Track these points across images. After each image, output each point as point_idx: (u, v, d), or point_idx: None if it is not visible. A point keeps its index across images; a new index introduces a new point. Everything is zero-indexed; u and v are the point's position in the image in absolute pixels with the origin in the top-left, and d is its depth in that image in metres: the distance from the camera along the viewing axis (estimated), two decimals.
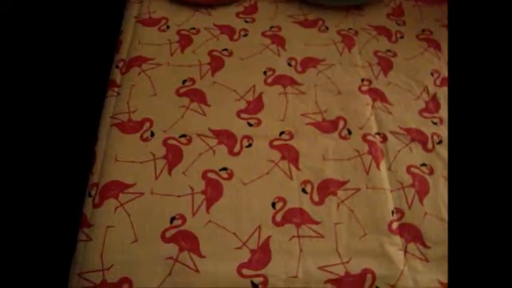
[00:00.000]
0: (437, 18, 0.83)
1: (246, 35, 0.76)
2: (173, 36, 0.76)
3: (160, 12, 0.79)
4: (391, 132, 0.67)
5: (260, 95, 0.69)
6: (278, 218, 0.57)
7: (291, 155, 0.63)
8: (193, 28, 0.77)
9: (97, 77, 0.77)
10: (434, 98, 0.72)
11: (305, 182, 0.61)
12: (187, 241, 0.55)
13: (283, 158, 0.63)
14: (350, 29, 0.79)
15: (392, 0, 0.85)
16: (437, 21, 0.83)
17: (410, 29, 0.81)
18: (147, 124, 0.65)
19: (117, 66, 0.73)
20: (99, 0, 1.08)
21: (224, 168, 0.62)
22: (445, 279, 0.55)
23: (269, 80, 0.71)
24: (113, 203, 0.57)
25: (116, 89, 0.70)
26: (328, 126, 0.67)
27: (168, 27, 0.77)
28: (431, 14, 0.84)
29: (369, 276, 0.54)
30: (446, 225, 0.59)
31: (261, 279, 0.53)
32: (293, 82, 0.71)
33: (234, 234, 0.55)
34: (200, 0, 0.79)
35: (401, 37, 0.79)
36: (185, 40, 0.75)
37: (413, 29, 0.81)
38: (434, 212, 0.60)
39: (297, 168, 0.62)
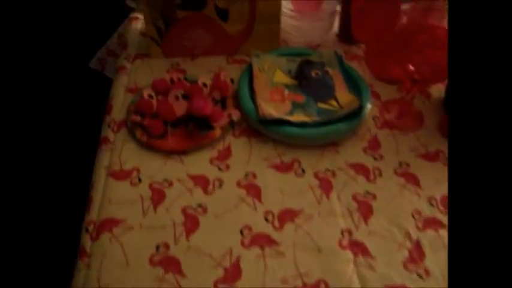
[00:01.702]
0: (411, 147, 0.82)
1: (220, 186, 0.74)
2: (145, 191, 0.73)
3: (131, 162, 0.77)
4: None
5: (237, 260, 0.66)
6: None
7: None
8: (166, 180, 0.75)
9: None
10: (417, 245, 0.70)
11: None
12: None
13: None
14: (327, 169, 0.77)
15: (368, 131, 0.84)
16: (412, 151, 0.82)
17: (388, 163, 0.80)
18: None
19: (87, 230, 0.70)
20: None
21: None
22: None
23: (246, 241, 0.68)
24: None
25: (87, 260, 0.67)
26: None
27: (139, 180, 0.75)
28: (406, 143, 0.83)
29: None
30: None
31: None
32: (271, 242, 0.68)
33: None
34: (172, 147, 0.77)
35: (380, 174, 0.78)
36: (158, 195, 0.73)
37: (391, 163, 0.80)
38: None
39: None
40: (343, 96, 0.84)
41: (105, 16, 1.31)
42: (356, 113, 0.81)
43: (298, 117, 0.80)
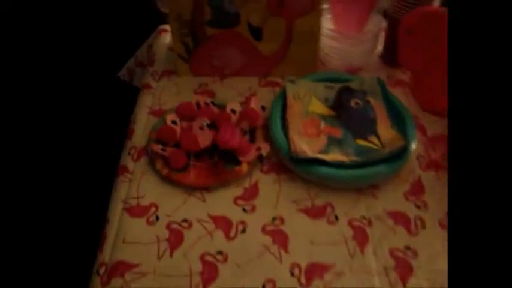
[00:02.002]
0: None
1: (244, 231, 0.68)
2: (162, 231, 0.68)
3: (150, 196, 0.71)
4: None
5: None
6: None
7: None
8: (185, 220, 0.69)
9: None
10: None
11: None
12: None
13: None
14: (363, 217, 0.69)
15: (411, 173, 0.75)
16: None
17: (432, 213, 0.71)
18: None
19: (97, 273, 0.65)
20: None
21: None
22: None
23: None
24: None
25: None
26: None
27: (157, 217, 0.69)
28: None
29: None
30: None
31: None
32: None
33: None
34: (194, 182, 0.71)
35: (423, 226, 0.69)
36: (175, 237, 0.67)
37: (436, 213, 0.71)
38: None
39: None
40: (386, 132, 0.76)
41: (137, 22, 1.27)
42: (399, 154, 0.72)
43: (334, 156, 0.72)
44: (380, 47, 0.95)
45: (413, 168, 0.76)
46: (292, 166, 0.72)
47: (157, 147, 0.73)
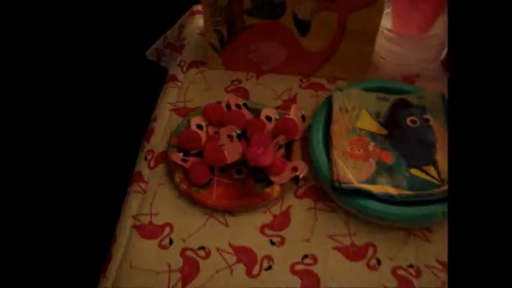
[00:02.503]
0: None
1: (269, 268, 0.58)
2: (176, 258, 0.59)
3: (164, 214, 0.62)
4: None
5: None
6: None
7: None
8: (203, 248, 0.59)
9: None
10: None
11: None
12: None
13: None
14: (410, 266, 0.59)
15: None
16: None
17: None
18: None
19: None
20: None
21: None
22: None
23: None
24: None
25: None
26: None
27: (171, 241, 0.60)
28: None
29: None
30: None
31: None
32: None
33: None
34: (216, 203, 0.62)
35: None
36: (190, 268, 0.58)
37: None
38: None
39: None
40: (446, 162, 0.64)
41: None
42: None
43: (383, 187, 0.61)
44: (444, 52, 0.81)
45: None
46: (332, 194, 0.62)
47: (178, 157, 0.63)
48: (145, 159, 0.68)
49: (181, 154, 0.64)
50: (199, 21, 0.87)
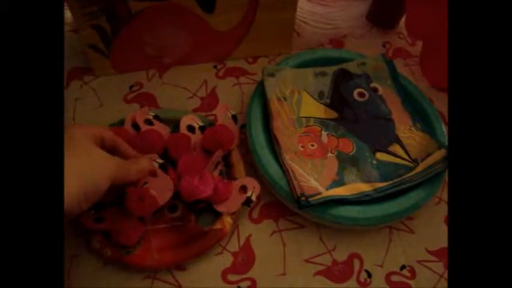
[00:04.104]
0: None
1: None
2: None
3: None
4: None
5: None
6: None
7: None
8: None
9: None
10: None
11: None
12: None
13: None
14: (403, 267, 0.51)
15: (443, 188, 0.57)
16: None
17: None
18: None
19: None
20: None
21: None
22: None
23: None
24: None
25: None
26: None
27: None
28: None
29: None
30: None
31: None
32: None
33: None
34: (158, 262, 0.46)
35: None
36: None
37: None
38: None
39: None
40: (409, 135, 0.55)
41: None
42: (442, 171, 0.52)
43: (354, 186, 0.50)
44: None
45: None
46: (296, 208, 0.50)
47: (89, 217, 0.46)
48: None
49: (92, 212, 0.46)
50: (66, 14, 0.66)
